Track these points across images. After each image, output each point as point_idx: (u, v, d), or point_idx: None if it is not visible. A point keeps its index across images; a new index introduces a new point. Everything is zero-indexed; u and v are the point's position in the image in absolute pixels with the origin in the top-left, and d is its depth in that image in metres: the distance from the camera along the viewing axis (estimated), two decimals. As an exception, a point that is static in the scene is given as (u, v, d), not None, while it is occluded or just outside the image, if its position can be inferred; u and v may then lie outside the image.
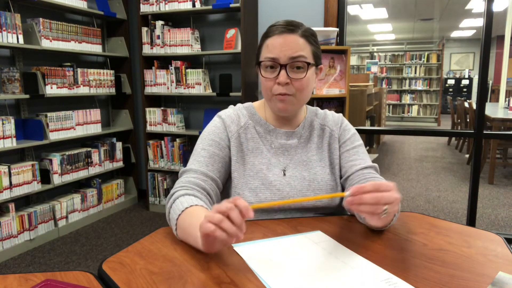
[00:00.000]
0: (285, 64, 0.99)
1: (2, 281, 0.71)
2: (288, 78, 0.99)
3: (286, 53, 0.99)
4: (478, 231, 0.94)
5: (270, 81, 1.01)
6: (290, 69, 1.00)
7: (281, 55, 0.99)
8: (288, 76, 0.99)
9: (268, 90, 1.03)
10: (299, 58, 0.99)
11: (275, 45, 0.99)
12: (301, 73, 1.00)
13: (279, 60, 0.99)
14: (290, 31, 1.00)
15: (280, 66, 0.99)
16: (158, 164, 3.38)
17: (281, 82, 0.99)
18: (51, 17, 2.89)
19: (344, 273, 0.73)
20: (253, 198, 1.04)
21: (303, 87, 1.02)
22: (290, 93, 1.01)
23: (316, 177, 1.08)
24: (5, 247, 2.52)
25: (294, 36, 1.00)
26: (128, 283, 0.69)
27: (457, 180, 4.49)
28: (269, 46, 1.01)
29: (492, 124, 4.50)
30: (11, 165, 2.56)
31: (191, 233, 0.81)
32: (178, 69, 3.19)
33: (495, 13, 2.51)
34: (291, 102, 1.03)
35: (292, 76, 1.00)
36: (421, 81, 10.76)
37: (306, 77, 1.01)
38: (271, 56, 1.00)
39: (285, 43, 0.99)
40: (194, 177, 0.99)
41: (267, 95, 1.04)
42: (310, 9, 2.95)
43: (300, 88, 1.01)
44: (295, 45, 0.99)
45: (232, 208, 0.69)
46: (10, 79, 2.63)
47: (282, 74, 0.99)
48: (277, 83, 1.00)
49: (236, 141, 1.08)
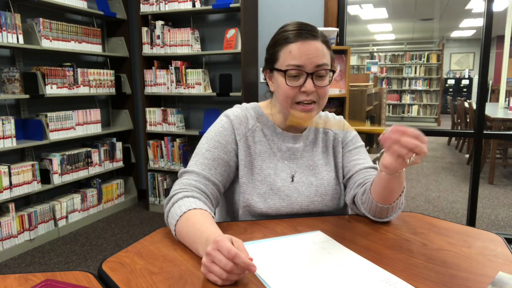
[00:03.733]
0: (312, 73, 0.96)
1: (2, 281, 0.71)
2: (314, 86, 0.97)
3: (312, 61, 0.95)
4: (478, 231, 0.94)
5: (294, 89, 0.97)
6: (315, 77, 0.97)
7: (307, 63, 0.95)
8: (314, 84, 0.97)
9: (289, 99, 0.99)
10: (324, 66, 0.97)
11: (301, 52, 0.95)
12: (324, 80, 0.99)
13: (305, 68, 0.96)
14: (313, 37, 0.97)
15: (306, 75, 0.96)
16: (158, 164, 3.38)
17: (308, 91, 0.96)
18: (51, 17, 2.89)
19: (344, 273, 0.73)
20: (262, 204, 1.03)
21: (325, 94, 1.00)
22: (315, 100, 0.99)
23: (323, 182, 1.08)
24: (5, 247, 2.52)
25: (317, 42, 0.97)
26: (128, 283, 0.69)
27: (457, 180, 4.49)
28: (292, 52, 0.96)
29: (492, 124, 4.50)
30: (11, 165, 2.56)
31: (191, 244, 0.81)
32: (178, 69, 3.19)
33: (495, 13, 2.51)
34: (315, 110, 1.01)
35: (317, 84, 0.97)
36: (421, 81, 10.76)
37: (329, 84, 1.00)
38: (297, 63, 0.95)
39: (310, 50, 0.95)
40: (196, 180, 0.97)
41: (287, 103, 1.00)
42: (310, 9, 2.95)
43: (323, 95, 1.00)
44: (320, 52, 0.96)
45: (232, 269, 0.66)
46: (10, 79, 2.63)
47: (309, 83, 0.96)
48: (302, 91, 0.97)
49: (244, 145, 1.05)
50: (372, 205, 0.97)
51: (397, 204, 0.96)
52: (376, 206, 0.96)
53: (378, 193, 0.94)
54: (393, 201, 0.94)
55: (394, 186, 0.91)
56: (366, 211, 1.00)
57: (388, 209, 0.96)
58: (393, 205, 0.95)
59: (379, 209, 0.96)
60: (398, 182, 0.90)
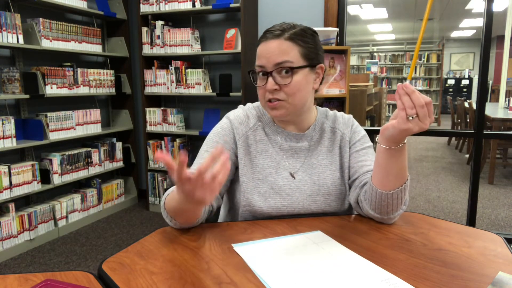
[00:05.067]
0: (271, 71, 0.98)
1: (2, 281, 0.71)
2: (276, 85, 0.99)
3: (270, 60, 0.98)
4: (478, 231, 0.94)
5: (262, 88, 1.01)
6: (278, 75, 0.99)
7: (266, 62, 0.98)
8: (276, 82, 0.98)
9: (261, 98, 1.03)
10: (284, 63, 0.98)
11: (262, 53, 1.00)
12: (287, 77, 0.99)
13: (266, 68, 0.99)
14: (274, 37, 0.99)
15: (267, 74, 0.99)
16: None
17: (268, 90, 0.99)
18: (51, 17, 2.89)
19: (344, 273, 0.73)
20: (263, 203, 1.03)
21: (294, 91, 0.99)
22: (281, 98, 1.00)
23: (325, 181, 1.07)
24: (5, 247, 2.52)
25: (278, 41, 0.99)
26: (128, 283, 0.69)
27: (457, 180, 4.49)
28: (257, 54, 1.01)
29: (492, 124, 4.50)
30: (11, 165, 2.56)
31: (176, 200, 0.84)
32: (178, 69, 3.19)
33: (495, 13, 2.51)
34: (284, 107, 1.01)
35: (279, 82, 0.99)
36: (421, 81, 10.77)
37: (293, 81, 0.98)
38: (259, 64, 1.00)
39: (269, 49, 0.98)
40: None
41: (262, 102, 1.04)
42: (310, 9, 2.95)
43: (290, 93, 0.99)
44: (279, 51, 0.98)
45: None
46: (10, 79, 2.63)
47: (269, 82, 0.99)
48: (266, 90, 1.00)
49: (244, 144, 1.07)
50: (373, 194, 0.95)
51: (398, 196, 0.93)
52: (376, 193, 0.94)
53: (377, 174, 0.93)
54: (394, 188, 0.92)
55: (392, 166, 0.90)
56: (368, 206, 0.98)
57: (388, 198, 0.93)
58: (394, 194, 0.92)
59: (379, 198, 0.93)
60: (397, 161, 0.89)
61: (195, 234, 0.92)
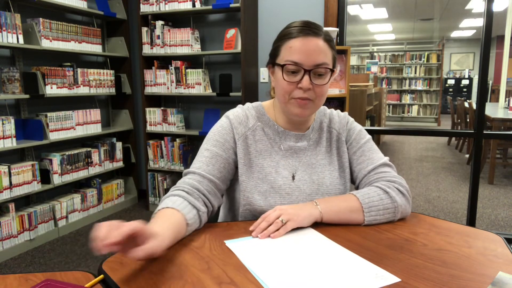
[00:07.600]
0: (309, 70, 0.97)
1: (2, 281, 0.71)
2: (311, 84, 0.97)
3: (311, 58, 0.96)
4: (478, 231, 0.94)
5: (291, 84, 0.98)
6: (313, 75, 0.98)
7: (306, 60, 0.96)
8: (311, 81, 0.97)
9: (286, 94, 0.99)
10: (323, 65, 0.97)
11: (300, 49, 0.96)
12: (323, 79, 0.99)
13: (303, 65, 0.96)
14: (315, 35, 0.97)
15: (304, 71, 0.97)
16: (158, 164, 3.38)
17: (304, 88, 0.97)
18: (51, 17, 2.89)
19: (340, 272, 0.73)
20: (263, 202, 1.03)
21: (323, 93, 1.00)
22: (311, 98, 0.99)
23: (324, 181, 1.08)
24: (5, 247, 2.52)
25: (318, 40, 0.97)
26: (128, 283, 0.69)
27: (457, 180, 4.49)
28: (292, 48, 0.97)
29: (492, 124, 4.50)
30: (11, 165, 2.56)
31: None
32: (178, 69, 3.19)
33: (495, 13, 2.51)
34: (310, 108, 1.01)
35: (315, 82, 0.97)
36: (421, 81, 10.76)
37: (327, 83, 1.00)
38: (295, 60, 0.96)
39: (310, 47, 0.96)
40: (190, 178, 1.01)
41: (284, 98, 1.00)
42: (310, 9, 2.95)
43: (320, 94, 1.00)
44: (320, 51, 0.97)
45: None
46: (10, 79, 2.63)
47: (306, 80, 0.96)
48: (299, 87, 0.97)
49: (243, 143, 1.06)
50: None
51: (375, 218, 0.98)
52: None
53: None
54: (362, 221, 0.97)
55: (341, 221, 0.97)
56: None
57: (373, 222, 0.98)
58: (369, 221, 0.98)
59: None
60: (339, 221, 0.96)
61: (195, 234, 0.92)
